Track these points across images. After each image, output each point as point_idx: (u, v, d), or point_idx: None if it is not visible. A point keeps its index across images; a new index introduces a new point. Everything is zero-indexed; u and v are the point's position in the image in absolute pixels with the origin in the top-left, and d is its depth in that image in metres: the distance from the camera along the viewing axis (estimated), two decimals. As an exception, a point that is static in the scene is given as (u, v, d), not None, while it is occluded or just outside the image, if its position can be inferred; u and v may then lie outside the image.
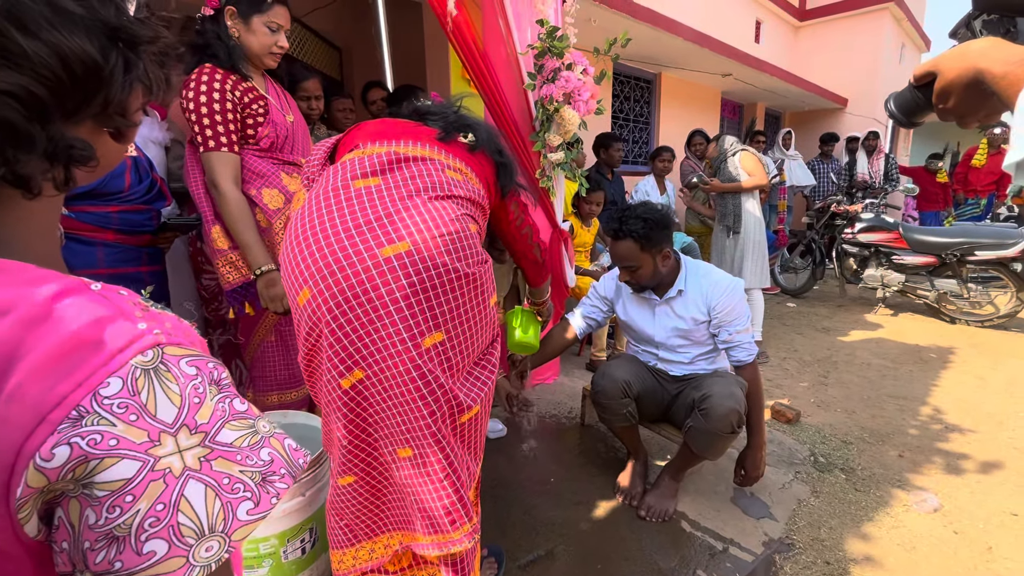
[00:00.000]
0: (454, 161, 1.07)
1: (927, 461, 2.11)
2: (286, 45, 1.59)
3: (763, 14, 6.69)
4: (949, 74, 0.54)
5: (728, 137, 3.37)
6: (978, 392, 2.78)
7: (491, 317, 1.07)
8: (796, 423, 2.42)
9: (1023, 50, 0.49)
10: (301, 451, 0.43)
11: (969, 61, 0.53)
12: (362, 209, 0.94)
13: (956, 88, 0.54)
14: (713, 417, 1.50)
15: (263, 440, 0.40)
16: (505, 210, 1.30)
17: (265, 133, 1.53)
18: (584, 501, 1.77)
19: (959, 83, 0.54)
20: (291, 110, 1.73)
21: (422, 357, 0.92)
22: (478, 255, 0.99)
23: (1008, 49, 0.50)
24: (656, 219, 1.57)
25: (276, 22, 1.49)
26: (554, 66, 2.32)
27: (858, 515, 1.75)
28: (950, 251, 3.96)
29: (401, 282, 0.89)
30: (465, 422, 0.99)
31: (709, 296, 1.64)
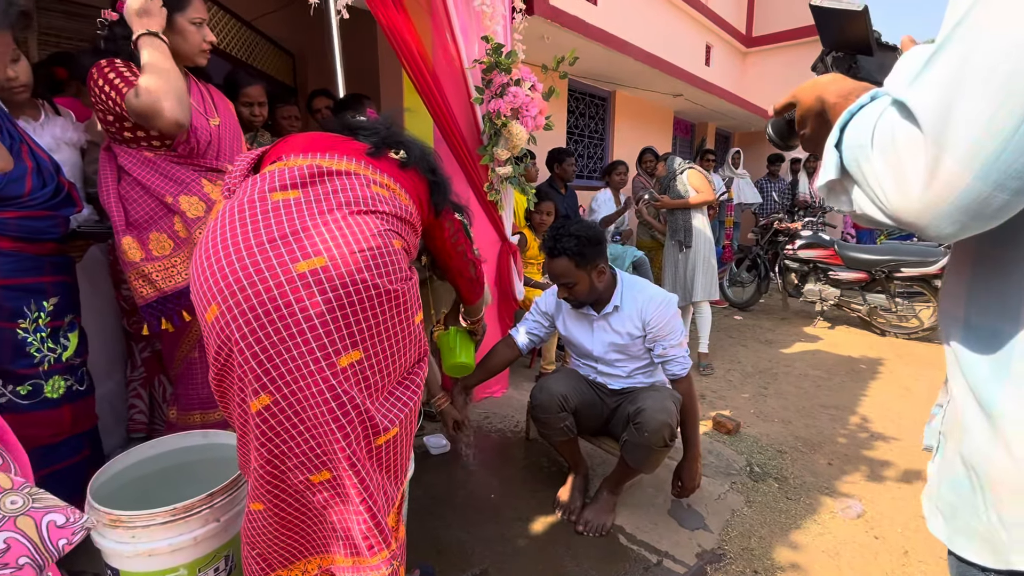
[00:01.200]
0: (382, 177, 1.06)
1: (854, 469, 2.21)
2: (213, 39, 1.53)
3: (712, 39, 7.01)
4: (804, 104, 0.59)
5: (676, 157, 3.50)
6: (902, 401, 2.95)
7: (416, 335, 1.05)
8: (736, 434, 2.49)
9: (854, 85, 0.54)
10: (71, 528, 0.36)
11: (816, 92, 0.58)
12: (277, 222, 0.90)
13: (809, 116, 0.59)
14: (646, 431, 1.52)
15: (4, 522, 0.35)
16: (439, 228, 1.29)
17: (182, 140, 1.45)
18: (523, 517, 1.75)
19: (810, 112, 0.58)
20: (217, 113, 1.65)
21: (337, 377, 0.89)
22: (401, 272, 0.98)
23: (844, 83, 0.56)
24: (589, 236, 1.59)
25: (199, 16, 1.44)
26: (502, 81, 2.34)
27: (787, 523, 1.81)
28: (879, 267, 4.22)
29: (316, 299, 0.86)
30: (382, 444, 0.96)
31: (644, 311, 1.67)
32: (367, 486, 0.91)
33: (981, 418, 0.48)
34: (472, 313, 1.69)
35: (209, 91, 1.69)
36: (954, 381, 0.53)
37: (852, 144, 0.48)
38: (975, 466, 0.49)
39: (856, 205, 0.50)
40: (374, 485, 0.93)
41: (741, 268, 5.23)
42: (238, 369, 0.87)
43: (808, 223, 4.82)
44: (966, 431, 0.50)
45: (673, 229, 3.42)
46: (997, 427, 0.46)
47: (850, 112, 0.49)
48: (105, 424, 1.72)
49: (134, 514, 1.06)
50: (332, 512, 0.93)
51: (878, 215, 0.47)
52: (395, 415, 0.98)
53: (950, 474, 0.53)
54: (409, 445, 1.06)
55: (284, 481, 0.94)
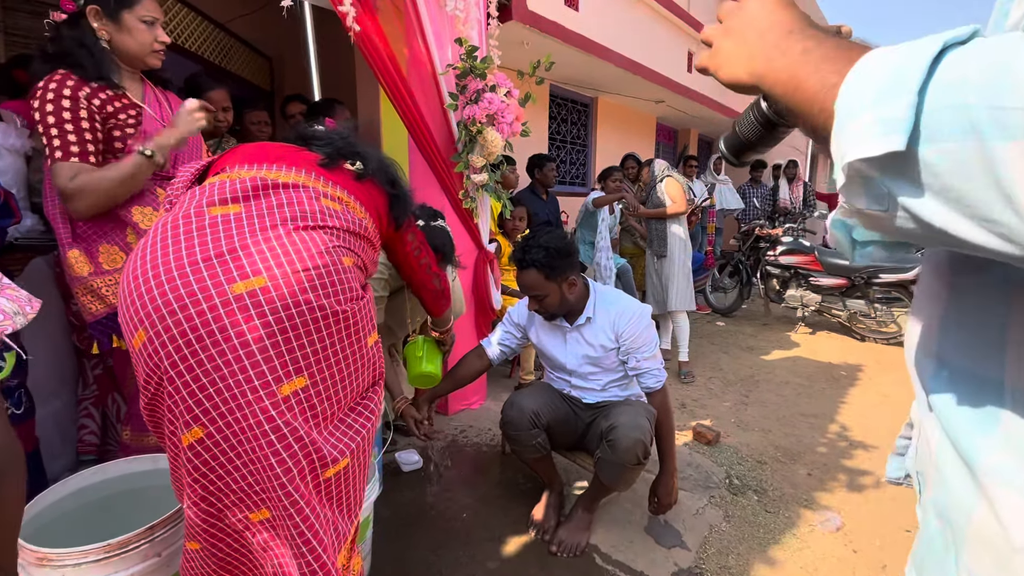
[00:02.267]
0: (334, 189, 1.00)
1: (832, 479, 2.19)
2: (166, 39, 1.46)
3: (694, 46, 7.06)
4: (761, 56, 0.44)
5: (659, 162, 3.47)
6: (881, 409, 2.95)
7: (369, 358, 0.99)
8: (716, 444, 2.46)
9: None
10: None
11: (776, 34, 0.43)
12: (214, 240, 0.84)
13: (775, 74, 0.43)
14: (619, 448, 1.47)
15: None
16: (401, 242, 1.25)
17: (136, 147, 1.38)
18: (495, 537, 1.69)
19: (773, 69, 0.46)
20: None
21: (278, 407, 0.82)
22: (351, 291, 0.92)
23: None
24: (558, 248, 1.55)
25: (150, 15, 1.37)
26: (477, 87, 2.30)
27: (766, 539, 1.78)
28: (858, 274, 4.25)
29: (254, 323, 0.80)
30: (331, 477, 0.90)
31: (616, 323, 1.63)
32: (311, 524, 0.85)
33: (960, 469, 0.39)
34: (439, 324, 1.66)
35: (167, 97, 1.62)
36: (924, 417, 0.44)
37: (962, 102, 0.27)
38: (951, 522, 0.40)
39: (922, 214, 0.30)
40: (321, 522, 0.87)
41: (723, 274, 5.25)
42: (168, 399, 0.81)
43: (789, 229, 4.85)
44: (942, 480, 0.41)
45: (649, 238, 3.41)
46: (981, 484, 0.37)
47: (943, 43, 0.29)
48: (52, 446, 1.63)
49: (64, 552, 0.98)
50: (272, 554, 0.86)
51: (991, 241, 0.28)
52: (345, 445, 0.92)
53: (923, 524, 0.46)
54: (363, 475, 1.00)
55: (221, 519, 0.87)
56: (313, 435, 0.86)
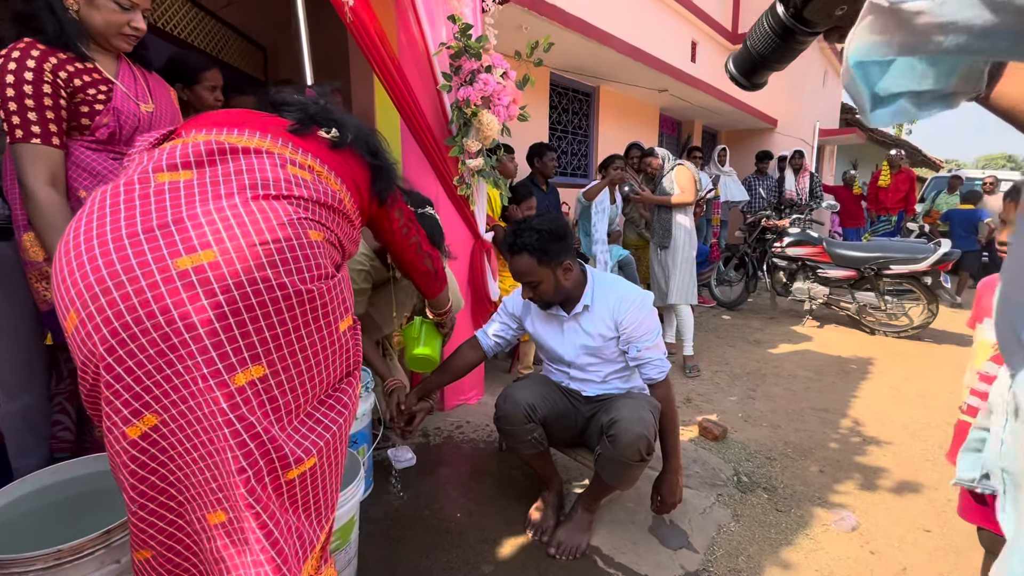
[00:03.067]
0: (304, 157, 0.90)
1: (846, 476, 2.08)
2: (142, 27, 1.37)
3: (698, 35, 6.93)
4: None
5: (660, 150, 3.35)
6: (893, 403, 2.84)
7: (342, 344, 0.89)
8: (723, 440, 2.36)
9: None
10: None
11: None
12: (159, 209, 0.74)
13: None
14: (620, 444, 1.37)
15: None
16: (388, 218, 1.14)
17: (104, 122, 1.30)
18: (490, 539, 1.60)
19: None
20: (152, 99, 1.50)
21: (231, 399, 0.73)
22: (319, 268, 0.82)
23: None
24: (551, 230, 1.45)
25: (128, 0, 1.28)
26: (472, 68, 2.20)
27: (777, 539, 1.68)
28: (868, 265, 4.13)
29: (201, 303, 0.70)
30: (295, 478, 0.80)
31: (616, 311, 1.53)
32: (270, 531, 0.75)
33: None
34: (436, 306, 1.56)
35: (144, 75, 1.54)
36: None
37: None
38: None
39: None
40: (282, 529, 0.77)
41: (729, 267, 5.13)
42: (105, 390, 0.71)
43: (796, 220, 4.73)
44: None
45: (654, 228, 3.30)
46: None
47: None
48: (23, 443, 1.55)
49: (10, 558, 0.89)
50: (222, 568, 0.76)
51: None
52: (312, 443, 0.82)
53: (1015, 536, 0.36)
54: (336, 475, 0.90)
55: (174, 523, 0.78)
56: (273, 432, 0.76)
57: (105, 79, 1.36)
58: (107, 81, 1.36)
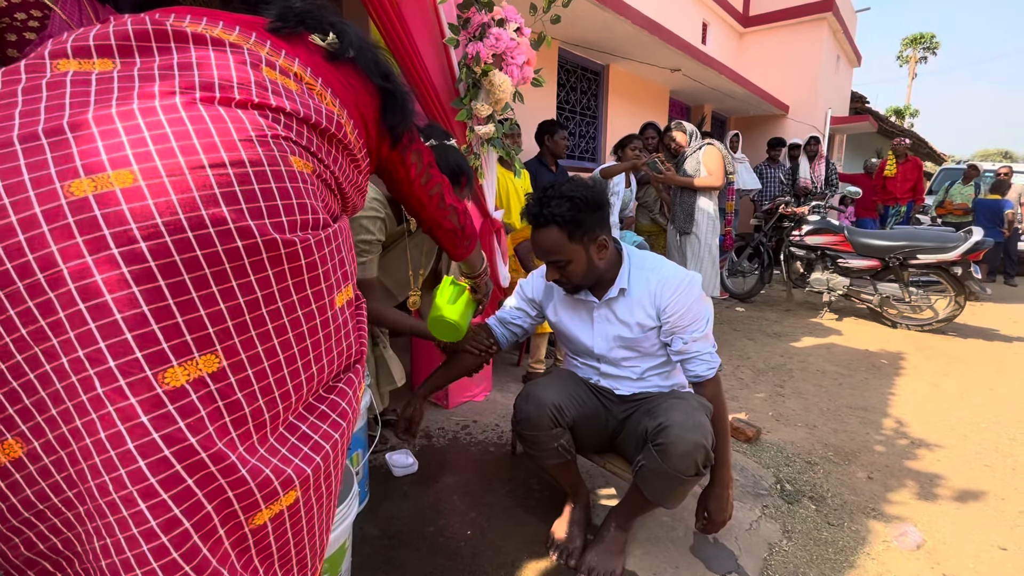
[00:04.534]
0: (290, 62, 0.62)
1: (899, 484, 1.86)
2: None
3: (709, 16, 6.65)
4: None
5: (688, 124, 3.08)
6: (935, 401, 2.62)
7: (339, 326, 0.63)
8: (756, 442, 2.13)
9: None
10: None
11: None
12: (52, 108, 0.49)
13: None
14: (673, 455, 1.13)
15: None
16: (403, 164, 0.86)
17: (32, 53, 1.04)
18: (507, 562, 1.36)
19: None
20: None
21: (157, 408, 0.46)
22: (305, 212, 0.56)
23: None
24: (587, 197, 1.19)
25: None
26: (482, 20, 1.93)
27: (837, 560, 1.45)
28: (893, 254, 3.90)
29: (110, 252, 0.45)
30: (267, 522, 0.54)
31: (658, 295, 1.28)
32: None
33: None
34: (468, 268, 1.29)
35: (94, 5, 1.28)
36: None
37: None
38: None
39: None
40: None
41: (742, 257, 4.90)
42: None
43: (815, 207, 4.49)
44: None
45: (673, 211, 3.05)
46: None
47: None
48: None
49: None
50: None
51: None
52: (296, 468, 0.56)
53: None
54: (329, 510, 0.64)
55: None
56: (235, 455, 0.50)
57: (39, 2, 1.11)
58: (42, 5, 1.12)
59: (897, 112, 29.07)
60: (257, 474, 0.51)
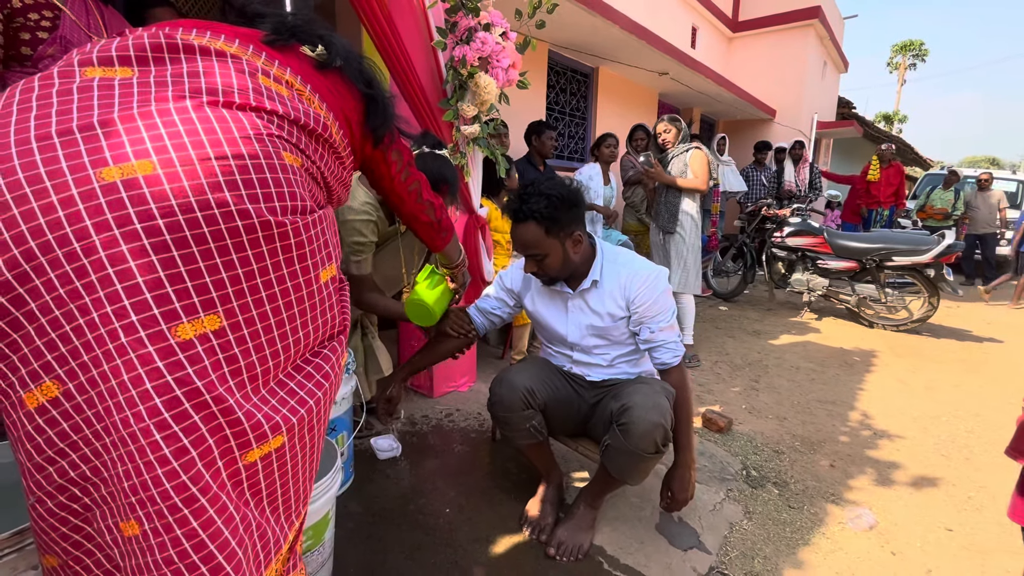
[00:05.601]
0: (281, 70, 0.72)
1: (859, 471, 1.97)
2: None
3: (699, 21, 6.77)
4: None
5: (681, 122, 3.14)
6: (901, 396, 2.74)
7: (323, 298, 0.73)
8: (728, 432, 2.23)
9: None
10: None
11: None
12: (83, 108, 0.57)
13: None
14: (634, 434, 1.22)
15: None
16: (384, 162, 0.97)
17: (48, 53, 1.14)
18: (482, 538, 1.45)
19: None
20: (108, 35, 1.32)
21: (170, 356, 0.56)
22: (295, 199, 0.65)
23: None
24: (564, 195, 1.28)
25: None
26: (468, 25, 2.01)
27: (794, 538, 1.55)
28: (870, 256, 4.03)
29: (133, 227, 0.54)
30: (257, 460, 0.63)
31: (627, 287, 1.37)
32: (217, 532, 0.57)
33: None
34: (446, 260, 1.40)
35: (100, 8, 1.36)
36: None
37: None
38: None
39: None
40: (232, 530, 0.59)
41: (726, 257, 5.02)
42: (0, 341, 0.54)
43: (797, 210, 4.62)
44: None
45: (657, 210, 3.13)
46: None
47: None
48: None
49: None
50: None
51: None
52: (284, 417, 0.65)
53: None
54: (311, 460, 0.74)
55: (83, 525, 0.60)
56: (230, 401, 0.59)
57: (51, 3, 1.19)
58: (53, 6, 1.19)
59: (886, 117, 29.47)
60: (250, 417, 0.61)
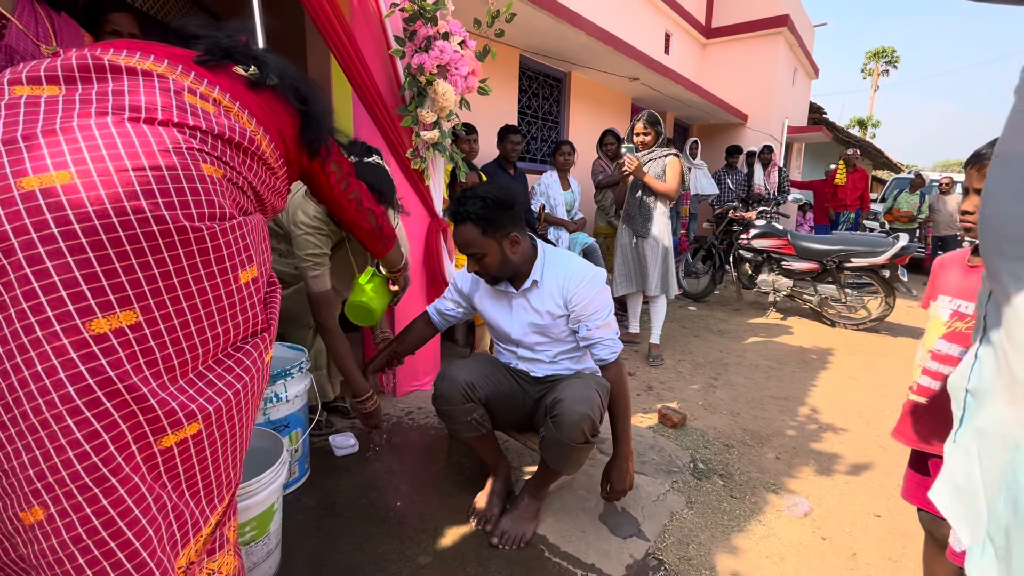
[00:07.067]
0: (209, 89, 0.78)
1: (802, 463, 2.07)
2: None
3: (672, 27, 6.92)
4: None
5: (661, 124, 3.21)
6: (851, 391, 2.86)
7: (243, 298, 0.78)
8: (682, 427, 2.32)
9: None
10: None
11: None
12: (8, 124, 0.63)
13: None
14: (563, 425, 1.29)
15: None
16: (323, 172, 1.04)
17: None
18: (430, 528, 1.50)
19: None
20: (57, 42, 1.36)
21: (83, 348, 0.61)
22: (212, 206, 0.71)
23: None
24: (497, 198, 1.35)
25: None
26: (427, 33, 2.07)
27: (730, 526, 1.63)
28: (830, 258, 4.18)
29: (50, 231, 0.59)
30: (172, 446, 0.69)
31: (565, 287, 1.44)
32: (130, 513, 0.62)
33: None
34: (388, 265, 1.53)
35: (50, 14, 1.39)
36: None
37: None
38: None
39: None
40: (145, 510, 0.64)
41: (696, 258, 5.14)
42: None
43: (762, 213, 4.76)
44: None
45: (630, 213, 3.19)
46: None
47: None
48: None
49: None
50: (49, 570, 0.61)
51: None
52: (200, 406, 0.71)
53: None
54: (233, 448, 0.79)
55: None
56: (147, 388, 0.65)
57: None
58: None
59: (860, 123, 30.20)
60: (164, 405, 0.66)
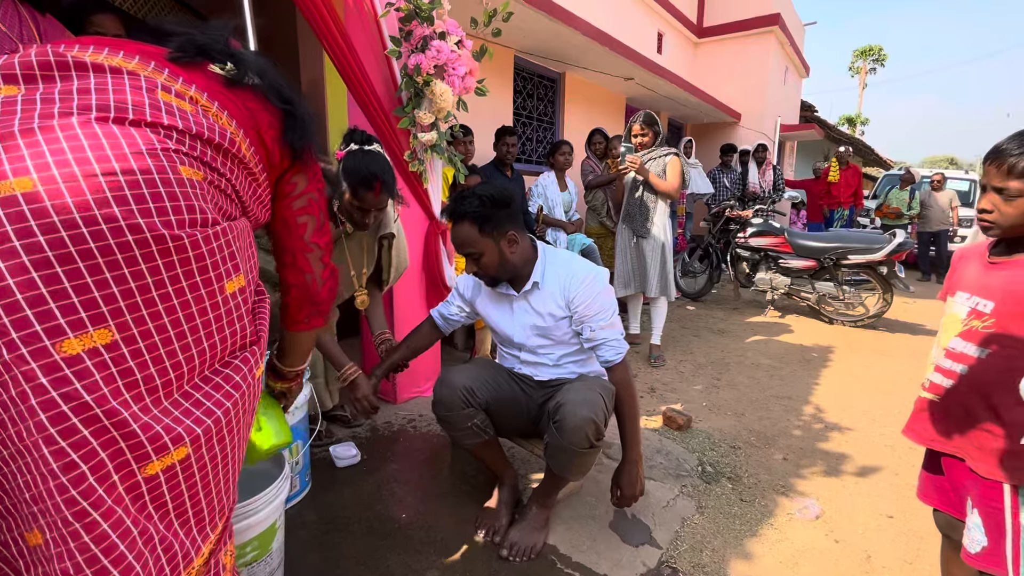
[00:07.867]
0: (185, 87, 0.72)
1: (810, 463, 2.04)
2: None
3: (664, 27, 6.92)
4: None
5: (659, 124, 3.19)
6: (854, 390, 2.85)
7: (229, 310, 0.72)
8: (687, 429, 2.29)
9: None
10: None
11: None
12: None
13: None
14: (566, 430, 1.26)
15: None
16: (289, 183, 0.89)
17: None
18: (437, 541, 1.46)
19: None
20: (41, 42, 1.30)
21: (55, 372, 0.56)
22: (193, 212, 0.65)
23: None
24: (494, 196, 1.32)
25: None
26: (424, 33, 2.03)
27: (742, 531, 1.60)
28: (827, 255, 4.18)
29: (11, 244, 0.54)
30: (158, 473, 0.63)
31: (567, 288, 1.41)
32: (112, 546, 0.58)
33: None
34: (291, 358, 1.06)
35: (34, 16, 1.33)
36: None
37: None
38: None
39: None
40: (130, 544, 0.60)
41: (693, 258, 5.13)
42: None
43: (759, 211, 4.76)
44: None
45: (629, 212, 3.16)
46: None
47: None
48: None
49: None
50: None
51: None
52: (186, 428, 0.65)
53: None
54: (226, 471, 0.73)
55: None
56: (127, 412, 0.60)
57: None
58: None
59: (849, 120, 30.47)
60: (148, 429, 0.61)
